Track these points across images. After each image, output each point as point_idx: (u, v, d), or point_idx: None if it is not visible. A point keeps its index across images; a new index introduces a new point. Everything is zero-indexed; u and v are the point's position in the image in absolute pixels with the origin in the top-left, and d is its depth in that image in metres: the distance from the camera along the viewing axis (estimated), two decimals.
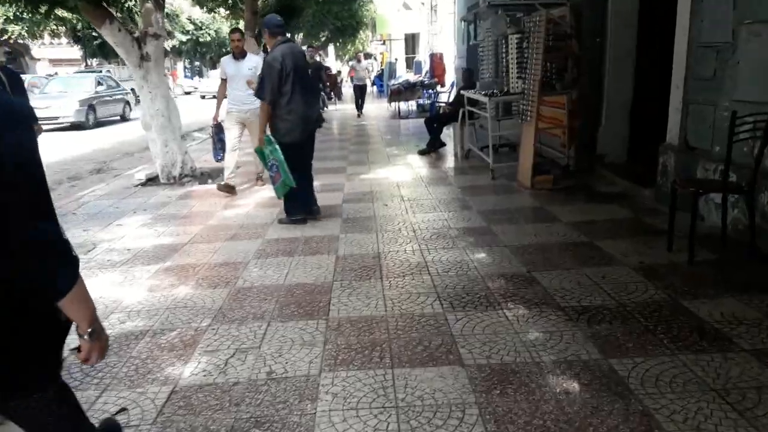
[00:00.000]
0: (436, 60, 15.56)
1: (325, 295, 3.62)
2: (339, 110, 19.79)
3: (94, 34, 26.82)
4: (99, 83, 18.19)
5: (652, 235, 4.52)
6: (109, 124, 17.61)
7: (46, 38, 35.39)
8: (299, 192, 5.40)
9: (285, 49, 5.08)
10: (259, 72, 6.52)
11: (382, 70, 31.83)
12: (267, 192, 6.18)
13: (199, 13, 32.95)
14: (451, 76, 16.62)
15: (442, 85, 15.65)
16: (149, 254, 4.77)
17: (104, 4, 7.17)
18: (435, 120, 9.45)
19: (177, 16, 33.07)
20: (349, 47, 42.12)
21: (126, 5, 7.68)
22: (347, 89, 30.02)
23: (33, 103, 11.19)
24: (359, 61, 18.01)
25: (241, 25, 18.20)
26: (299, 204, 5.47)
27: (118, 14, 8.08)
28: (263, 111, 5.15)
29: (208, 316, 3.42)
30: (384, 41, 42.34)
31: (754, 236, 3.79)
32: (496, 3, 7.52)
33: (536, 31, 6.45)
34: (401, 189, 6.82)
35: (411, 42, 30.04)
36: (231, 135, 6.84)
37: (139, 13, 9.19)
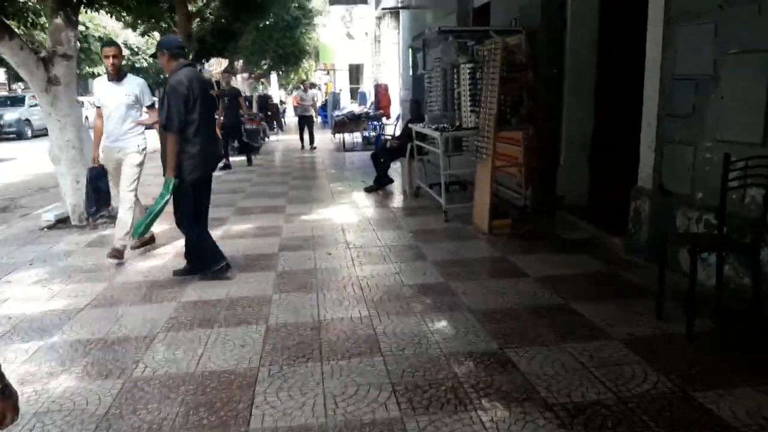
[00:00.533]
0: (381, 91, 15.08)
1: (247, 391, 2.81)
2: (281, 141, 18.99)
3: None
4: None
5: (634, 296, 3.94)
6: None
7: None
8: (206, 237, 4.73)
9: (190, 73, 4.37)
10: (145, 102, 5.51)
11: (326, 100, 31.39)
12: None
13: (134, 38, 31.60)
14: (396, 108, 16.18)
15: (388, 117, 15.15)
16: (33, 325, 3.83)
17: (2, 17, 6.22)
18: (382, 155, 8.81)
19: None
20: (292, 76, 41.50)
21: (30, 19, 6.70)
22: (290, 119, 29.23)
23: None
24: (306, 90, 16.44)
25: None
26: (214, 250, 4.69)
27: (21, 30, 7.10)
28: (172, 143, 4.30)
29: (88, 428, 2.55)
30: (328, 71, 42.05)
31: (759, 301, 3.25)
32: (447, 29, 6.99)
33: (491, 60, 5.94)
34: (347, 233, 6.09)
35: (355, 72, 29.74)
36: (115, 183, 5.54)
37: (46, 28, 8.23)
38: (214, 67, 20.90)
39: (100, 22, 28.44)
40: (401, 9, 13.55)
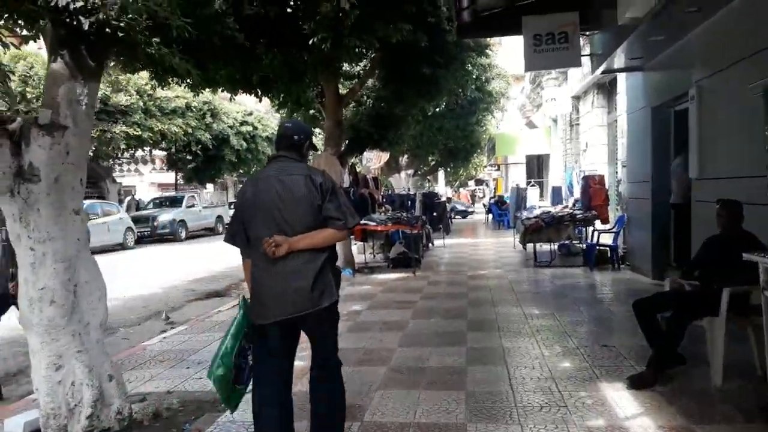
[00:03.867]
0: (594, 185, 10.65)
1: None
2: (447, 247, 15.14)
3: (188, 157, 24.86)
4: None
5: None
6: None
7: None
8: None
9: (268, 171, 3.03)
10: None
11: (499, 196, 27.38)
12: None
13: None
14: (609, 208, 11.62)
15: (605, 221, 10.63)
16: None
17: None
18: (667, 304, 4.37)
19: None
20: (461, 172, 38.52)
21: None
22: (457, 220, 25.66)
23: None
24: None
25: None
26: None
27: None
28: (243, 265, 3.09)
29: None
30: (498, 166, 38.36)
31: None
32: None
33: None
34: None
35: (535, 164, 25.65)
36: None
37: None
38: (373, 162, 18.16)
39: (269, 123, 27.68)
40: (638, 70, 9.24)
